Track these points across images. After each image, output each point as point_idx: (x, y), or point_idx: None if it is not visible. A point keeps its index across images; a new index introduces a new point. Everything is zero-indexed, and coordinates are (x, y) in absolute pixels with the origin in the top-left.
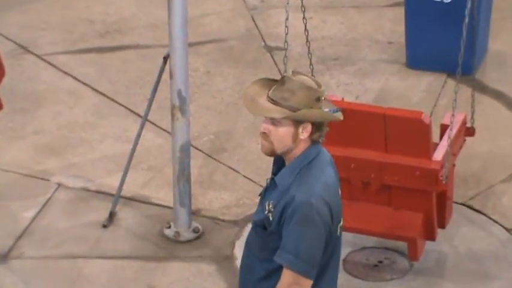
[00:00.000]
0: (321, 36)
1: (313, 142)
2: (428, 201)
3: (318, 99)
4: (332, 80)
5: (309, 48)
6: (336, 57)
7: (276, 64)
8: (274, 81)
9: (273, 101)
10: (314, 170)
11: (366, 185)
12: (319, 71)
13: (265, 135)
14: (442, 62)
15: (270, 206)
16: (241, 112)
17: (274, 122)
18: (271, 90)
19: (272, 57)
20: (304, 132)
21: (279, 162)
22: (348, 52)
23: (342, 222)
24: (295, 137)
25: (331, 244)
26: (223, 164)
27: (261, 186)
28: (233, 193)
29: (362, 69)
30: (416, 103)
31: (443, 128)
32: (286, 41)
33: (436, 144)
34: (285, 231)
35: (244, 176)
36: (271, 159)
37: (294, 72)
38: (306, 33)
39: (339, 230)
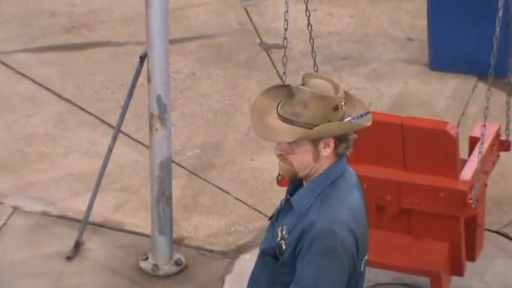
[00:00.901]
0: (327, 32)
1: (339, 156)
2: (455, 229)
3: (336, 108)
4: (340, 83)
5: (312, 46)
6: (345, 57)
7: (273, 65)
8: (286, 88)
9: (284, 119)
10: (339, 191)
11: (380, 209)
12: (325, 73)
13: (282, 157)
14: (471, 63)
15: (284, 232)
16: (233, 121)
17: (290, 142)
18: (280, 105)
19: (269, 56)
20: (327, 149)
21: (293, 183)
22: (359, 51)
23: (367, 256)
24: (317, 156)
25: (354, 281)
26: (211, 184)
27: (255, 210)
28: (223, 218)
29: (376, 71)
30: (440, 111)
31: (473, 141)
32: (285, 38)
33: (465, 161)
34: (300, 262)
35: (236, 198)
36: (269, 178)
37: (306, 76)
38: (310, 29)
39: (363, 265)
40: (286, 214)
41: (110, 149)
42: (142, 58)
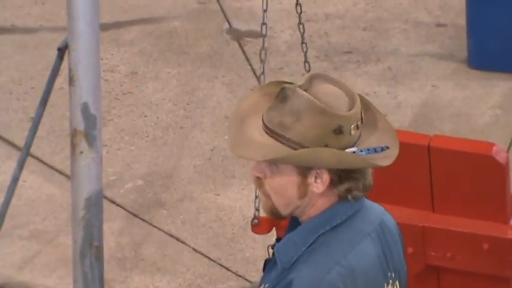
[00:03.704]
0: (324, 15)
1: (341, 198)
2: None
3: (339, 131)
4: None
5: (302, 34)
6: (349, 50)
7: (248, 60)
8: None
9: (268, 129)
10: (337, 242)
11: None
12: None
13: (259, 182)
14: None
15: None
16: (190, 141)
17: (270, 163)
18: (266, 110)
19: (241, 48)
20: (318, 184)
21: (294, 221)
22: (370, 41)
23: None
24: (304, 191)
25: None
26: (159, 230)
27: (222, 266)
28: (175, 278)
29: (393, 71)
30: (484, 127)
31: None
32: (265, 23)
33: None
34: None
35: (194, 249)
36: (241, 221)
37: (315, 77)
38: (299, 10)
39: None
40: (272, 267)
41: (15, 180)
42: (62, 51)
